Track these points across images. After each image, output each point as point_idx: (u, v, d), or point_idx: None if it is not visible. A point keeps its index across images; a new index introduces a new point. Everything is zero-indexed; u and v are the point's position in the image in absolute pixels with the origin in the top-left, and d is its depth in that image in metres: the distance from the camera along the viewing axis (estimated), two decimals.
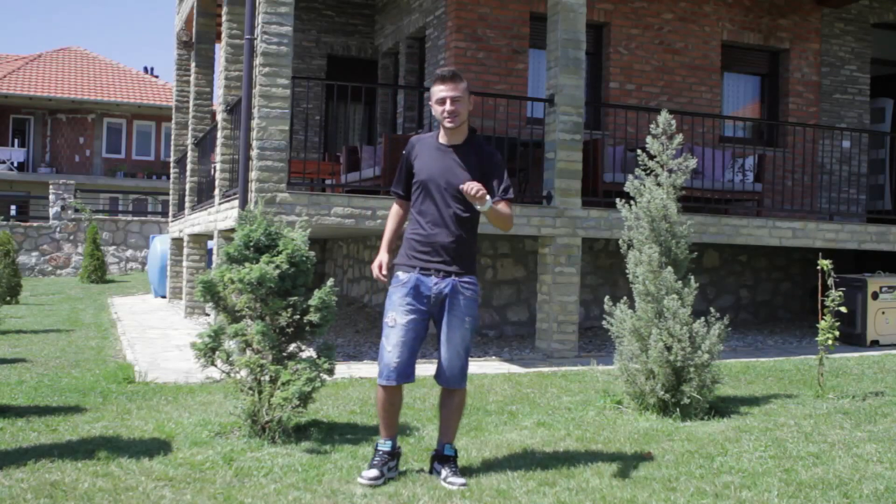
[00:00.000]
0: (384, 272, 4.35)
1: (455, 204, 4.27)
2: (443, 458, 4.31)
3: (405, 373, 4.23)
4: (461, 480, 4.16)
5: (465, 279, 4.29)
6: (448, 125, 4.29)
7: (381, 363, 4.26)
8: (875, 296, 9.74)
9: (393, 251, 4.47)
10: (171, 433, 5.06)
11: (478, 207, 4.21)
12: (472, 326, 4.30)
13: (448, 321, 4.26)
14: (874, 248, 10.36)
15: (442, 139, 4.37)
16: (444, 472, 4.24)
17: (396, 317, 4.24)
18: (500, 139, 9.38)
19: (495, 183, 4.32)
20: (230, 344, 5.05)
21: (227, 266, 5.02)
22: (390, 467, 4.26)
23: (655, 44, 11.48)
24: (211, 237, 11.33)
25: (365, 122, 14.05)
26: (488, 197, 4.18)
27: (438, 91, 4.27)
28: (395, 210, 4.56)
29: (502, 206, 4.33)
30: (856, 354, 8.88)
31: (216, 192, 10.14)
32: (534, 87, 10.86)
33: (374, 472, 4.16)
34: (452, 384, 4.30)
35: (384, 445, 4.29)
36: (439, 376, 4.33)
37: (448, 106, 4.25)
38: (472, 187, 4.10)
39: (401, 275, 4.31)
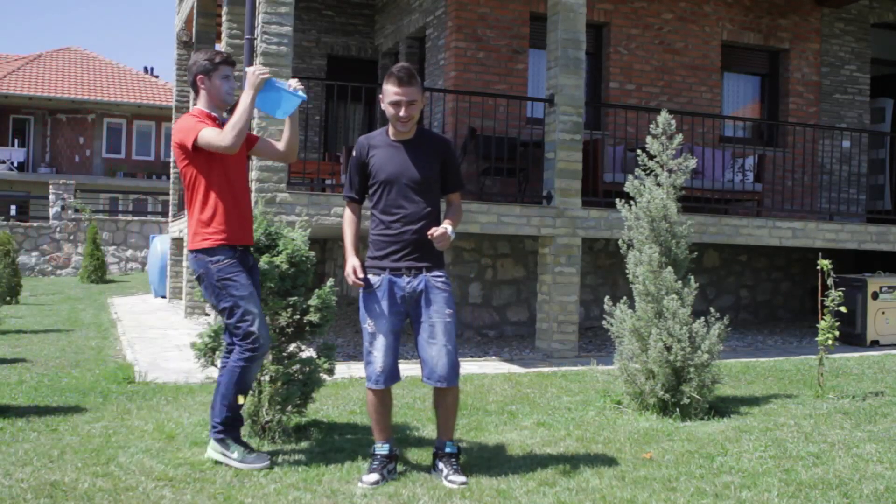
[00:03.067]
0: (360, 275, 4.27)
1: (418, 199, 4.28)
2: (444, 456, 4.30)
3: (392, 375, 4.28)
4: (462, 478, 4.16)
5: (436, 273, 4.30)
6: (401, 128, 4.31)
7: (369, 368, 4.29)
8: (875, 296, 9.74)
9: (360, 253, 4.45)
10: (171, 433, 5.06)
11: (441, 246, 4.24)
12: (453, 320, 4.29)
13: (429, 318, 4.25)
14: (874, 248, 10.36)
15: (393, 136, 4.36)
16: (445, 471, 4.22)
17: (374, 322, 4.27)
18: (500, 139, 9.38)
19: (454, 178, 4.43)
20: None
21: None
22: (389, 470, 4.24)
23: (655, 44, 11.48)
24: None
25: (365, 122, 14.05)
26: (449, 229, 4.21)
27: (393, 93, 4.22)
28: (349, 215, 4.46)
29: (456, 200, 4.45)
30: (856, 354, 8.88)
31: None
32: (534, 87, 10.86)
33: (374, 477, 4.14)
34: (444, 382, 4.25)
35: (381, 449, 4.28)
36: (430, 376, 4.26)
37: (403, 112, 4.23)
38: (437, 236, 4.15)
39: (372, 277, 4.31)
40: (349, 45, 13.67)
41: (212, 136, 4.42)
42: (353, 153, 4.41)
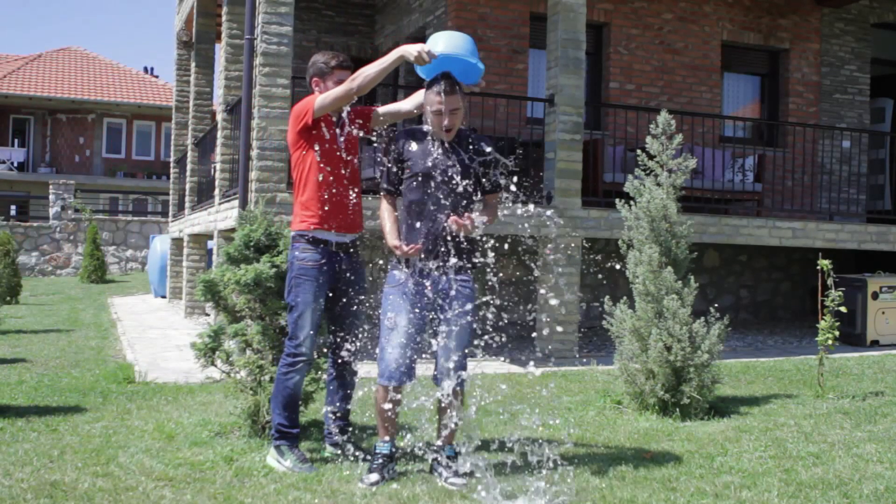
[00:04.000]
0: (406, 248, 4.16)
1: (452, 198, 4.21)
2: (444, 457, 4.28)
3: (407, 373, 4.23)
4: (462, 481, 4.15)
5: (462, 276, 4.26)
6: (444, 137, 4.24)
7: (382, 363, 4.24)
8: (875, 296, 9.74)
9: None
10: (171, 433, 5.05)
11: (475, 234, 4.18)
12: (471, 326, 4.27)
13: (449, 322, 4.22)
14: (874, 248, 10.36)
15: (434, 134, 4.29)
16: (444, 473, 4.22)
17: (396, 318, 4.21)
18: (500, 139, 9.37)
19: (493, 178, 4.35)
20: (230, 344, 5.05)
21: (228, 266, 5.02)
22: (390, 470, 4.23)
23: (655, 44, 11.48)
24: (211, 237, 11.33)
25: None
26: (476, 219, 4.13)
27: (436, 102, 4.16)
28: (386, 207, 4.40)
29: (492, 202, 4.38)
30: (856, 354, 8.88)
31: (216, 192, 10.14)
32: (534, 87, 10.86)
33: (374, 477, 4.13)
34: (454, 383, 4.23)
35: (383, 448, 4.26)
36: (440, 375, 4.26)
37: (447, 122, 4.18)
38: (457, 219, 4.08)
39: (397, 273, 4.29)
40: (349, 45, 13.67)
41: (329, 93, 4.46)
42: (390, 146, 4.37)
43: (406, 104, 4.69)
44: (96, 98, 32.08)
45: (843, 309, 6.43)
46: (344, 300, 4.59)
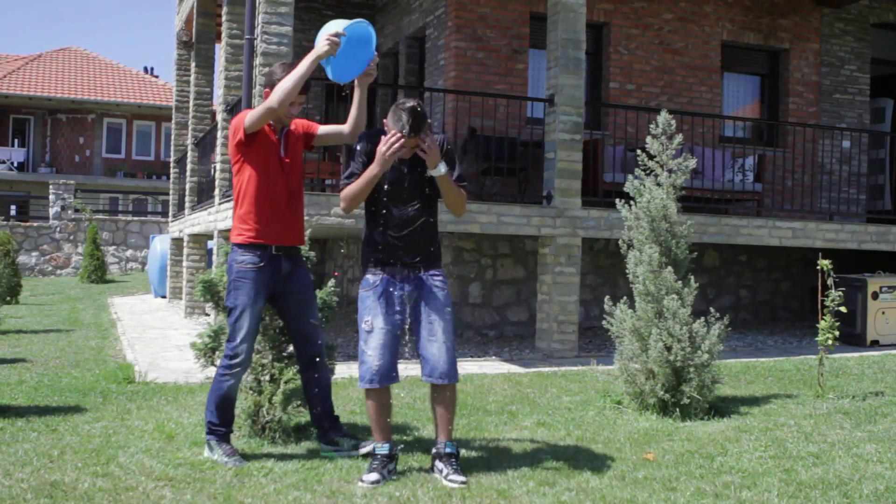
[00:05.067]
0: (394, 139, 4.20)
1: (414, 201, 4.33)
2: (443, 455, 4.29)
3: (388, 374, 4.29)
4: (462, 478, 4.15)
5: (433, 272, 4.37)
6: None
7: (363, 367, 4.30)
8: (875, 296, 9.74)
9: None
10: (171, 433, 5.06)
11: (430, 173, 4.27)
12: (452, 317, 4.34)
13: (428, 316, 4.30)
14: (874, 248, 10.36)
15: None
16: (445, 470, 4.22)
17: (372, 321, 4.29)
18: (500, 139, 9.38)
19: (456, 172, 4.43)
20: None
21: None
22: (390, 470, 4.24)
23: (655, 44, 11.48)
24: (211, 237, 11.33)
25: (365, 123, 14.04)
26: (442, 166, 4.25)
27: (405, 141, 4.21)
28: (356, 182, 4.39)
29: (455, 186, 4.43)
30: (856, 354, 8.88)
31: (216, 192, 10.14)
32: (534, 87, 10.86)
33: (374, 476, 4.14)
34: (446, 379, 4.28)
35: (381, 449, 4.28)
36: (430, 374, 4.31)
37: (405, 154, 4.28)
38: (428, 145, 4.19)
39: (370, 277, 4.37)
40: None
41: (253, 112, 4.50)
42: (360, 143, 4.43)
43: (346, 127, 4.74)
44: (96, 98, 32.08)
45: (843, 309, 6.43)
46: (291, 304, 4.64)
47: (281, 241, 4.56)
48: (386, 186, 4.31)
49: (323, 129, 4.82)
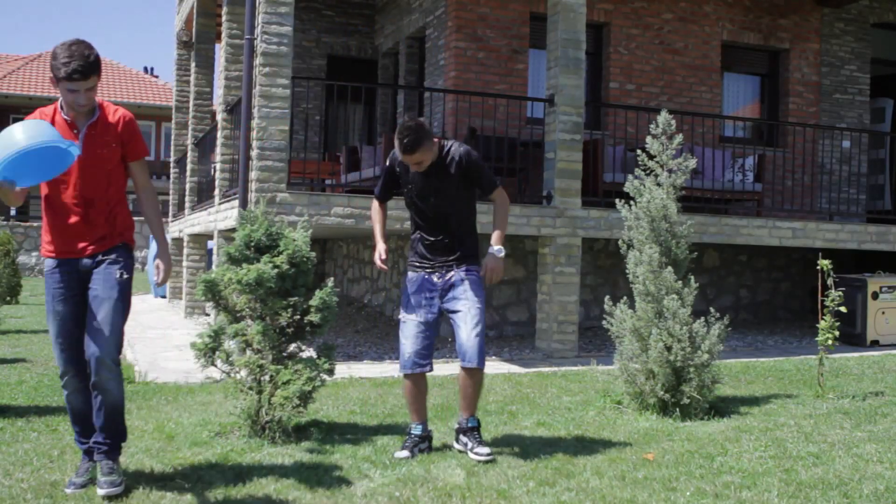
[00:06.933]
0: (384, 257, 4.77)
1: (446, 211, 4.70)
2: (466, 430, 4.67)
3: (421, 362, 4.67)
4: (487, 450, 4.53)
5: (467, 267, 4.73)
6: (418, 169, 4.67)
7: (401, 355, 4.72)
8: (875, 296, 9.74)
9: (387, 239, 4.91)
10: (171, 433, 5.06)
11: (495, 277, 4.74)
12: (482, 308, 4.67)
13: (458, 305, 4.66)
14: (874, 248, 10.36)
15: None
16: (470, 443, 4.60)
17: (406, 312, 4.73)
18: (500, 139, 9.38)
19: (483, 184, 4.78)
20: (230, 344, 5.05)
21: (228, 266, 5.02)
22: (421, 448, 4.65)
23: (655, 44, 11.48)
24: (211, 237, 11.34)
25: (365, 122, 14.05)
26: (496, 248, 4.68)
27: (404, 158, 4.60)
28: (376, 207, 4.97)
29: (498, 198, 4.82)
30: (856, 354, 8.88)
31: (216, 192, 10.15)
32: (534, 87, 10.87)
33: (405, 453, 4.56)
34: (470, 362, 4.59)
35: (416, 429, 4.70)
36: (462, 358, 4.64)
37: (413, 168, 4.66)
38: (490, 277, 4.70)
39: (410, 274, 4.79)
40: (349, 45, 13.67)
41: None
42: (388, 161, 4.86)
43: (138, 191, 4.53)
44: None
45: (843, 309, 6.44)
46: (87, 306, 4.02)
47: (71, 255, 4.05)
48: (414, 197, 4.72)
49: (135, 167, 4.44)
